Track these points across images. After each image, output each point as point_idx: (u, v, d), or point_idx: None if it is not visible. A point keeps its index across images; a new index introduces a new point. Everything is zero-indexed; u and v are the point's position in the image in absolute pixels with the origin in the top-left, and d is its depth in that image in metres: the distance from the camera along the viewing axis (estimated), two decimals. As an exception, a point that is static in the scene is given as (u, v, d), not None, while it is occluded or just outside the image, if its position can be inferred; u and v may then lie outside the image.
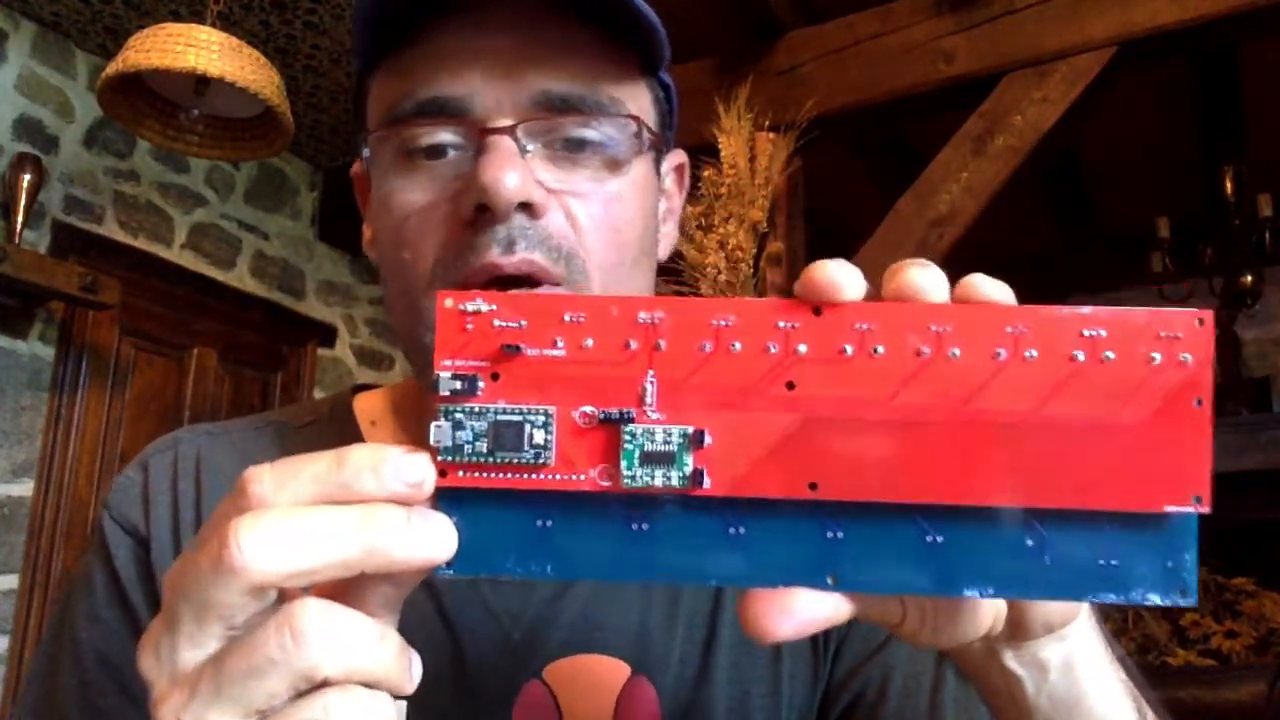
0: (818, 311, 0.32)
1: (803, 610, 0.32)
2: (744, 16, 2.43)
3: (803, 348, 0.32)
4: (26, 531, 2.68)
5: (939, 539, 0.32)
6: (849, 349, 0.32)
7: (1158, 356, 0.31)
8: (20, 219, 2.59)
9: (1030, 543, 0.32)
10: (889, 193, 2.41)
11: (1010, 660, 0.38)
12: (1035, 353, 0.31)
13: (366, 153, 0.57)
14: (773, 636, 0.31)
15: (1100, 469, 0.31)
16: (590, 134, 0.55)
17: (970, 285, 0.33)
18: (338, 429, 0.65)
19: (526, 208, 0.53)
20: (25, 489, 2.69)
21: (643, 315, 0.32)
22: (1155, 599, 0.32)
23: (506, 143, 0.53)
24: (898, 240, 2.21)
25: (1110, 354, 0.31)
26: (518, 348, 0.32)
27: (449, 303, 0.33)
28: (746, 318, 0.32)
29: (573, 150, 0.55)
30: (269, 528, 0.30)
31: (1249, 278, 3.68)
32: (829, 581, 0.32)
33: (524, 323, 0.32)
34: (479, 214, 0.53)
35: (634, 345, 0.32)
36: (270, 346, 3.53)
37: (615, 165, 0.56)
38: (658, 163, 0.62)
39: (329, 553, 0.30)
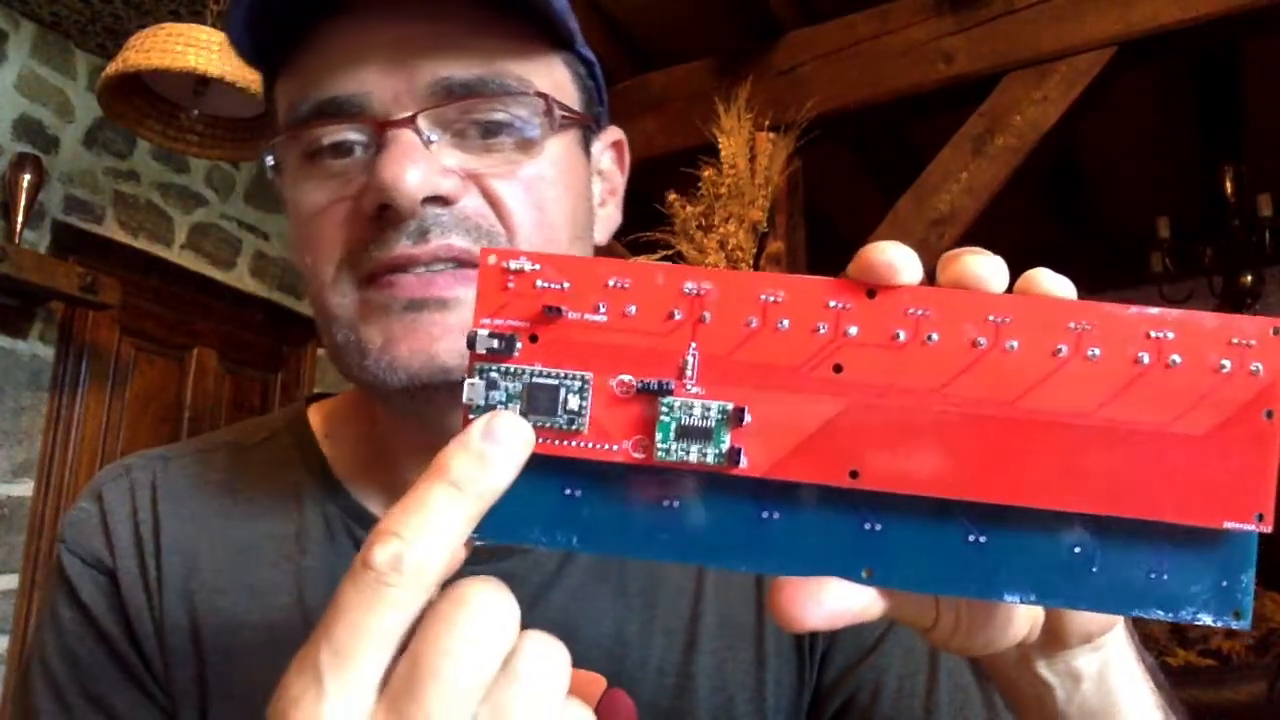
0: (871, 294, 0.30)
1: (834, 600, 0.30)
2: (744, 16, 2.43)
3: (853, 330, 0.30)
4: (26, 531, 2.68)
5: (982, 539, 0.30)
6: (902, 335, 0.30)
7: (1227, 364, 0.29)
8: (20, 219, 2.59)
9: (1078, 550, 0.30)
10: (889, 193, 2.41)
11: (1043, 668, 0.37)
12: (1098, 352, 0.29)
13: (271, 161, 0.55)
14: (801, 624, 0.30)
15: (1159, 479, 0.29)
16: (498, 116, 0.52)
17: (1032, 279, 0.31)
18: (295, 442, 0.63)
19: (436, 199, 0.51)
20: (25, 489, 2.69)
21: (689, 286, 0.31)
22: (1207, 619, 0.30)
23: (407, 135, 0.50)
24: (898, 240, 2.20)
25: (1177, 358, 0.29)
26: (559, 310, 0.31)
27: (492, 259, 0.31)
28: (797, 295, 0.30)
29: (482, 135, 0.53)
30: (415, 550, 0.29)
31: (1249, 278, 3.69)
32: (864, 575, 0.31)
33: (567, 284, 0.31)
34: (383, 212, 0.50)
35: (678, 316, 0.31)
36: (270, 346, 3.53)
37: (528, 146, 0.53)
38: (586, 142, 0.59)
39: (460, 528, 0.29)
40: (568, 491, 0.32)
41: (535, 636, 0.29)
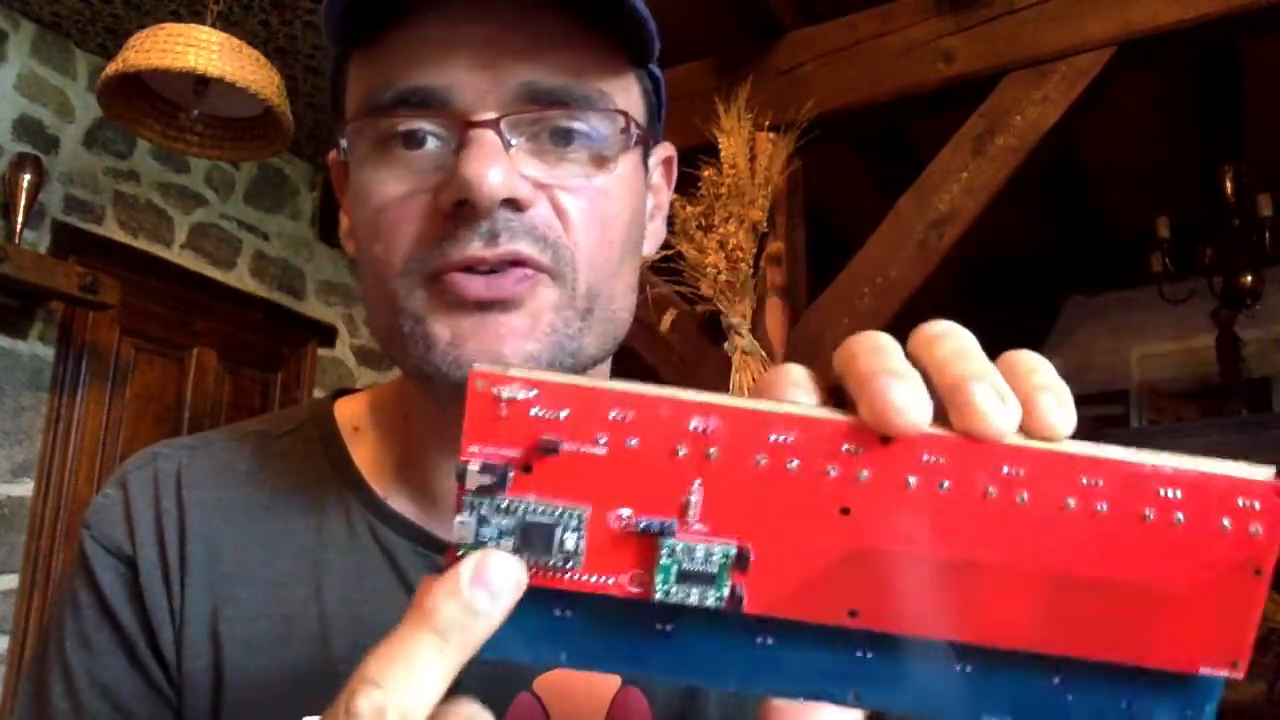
0: (886, 440, 0.30)
1: None
2: (744, 16, 2.43)
3: (864, 475, 0.29)
4: (26, 531, 2.68)
5: (968, 669, 0.31)
6: (913, 481, 0.29)
7: (1229, 524, 0.29)
8: (20, 219, 2.59)
9: (1057, 681, 0.31)
10: (889, 193, 2.41)
11: None
12: (1105, 506, 0.29)
13: (344, 144, 0.56)
14: None
15: (1146, 628, 0.30)
16: (577, 126, 0.54)
17: (1039, 416, 0.30)
18: (319, 435, 0.64)
19: (510, 203, 0.52)
20: (25, 489, 2.69)
21: (695, 422, 0.29)
22: None
23: (490, 136, 0.51)
24: (898, 240, 2.21)
25: (1180, 516, 0.29)
26: (557, 444, 0.29)
27: (480, 384, 0.29)
28: (808, 436, 0.29)
29: (558, 143, 0.54)
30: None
31: (1249, 278, 3.69)
32: (851, 697, 0.31)
33: (564, 414, 0.29)
34: (459, 208, 0.51)
35: (682, 452, 0.29)
36: (270, 346, 3.53)
37: (602, 161, 0.55)
38: (645, 157, 0.61)
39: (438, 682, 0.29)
40: (558, 612, 0.31)
41: None
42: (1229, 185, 3.52)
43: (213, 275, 3.28)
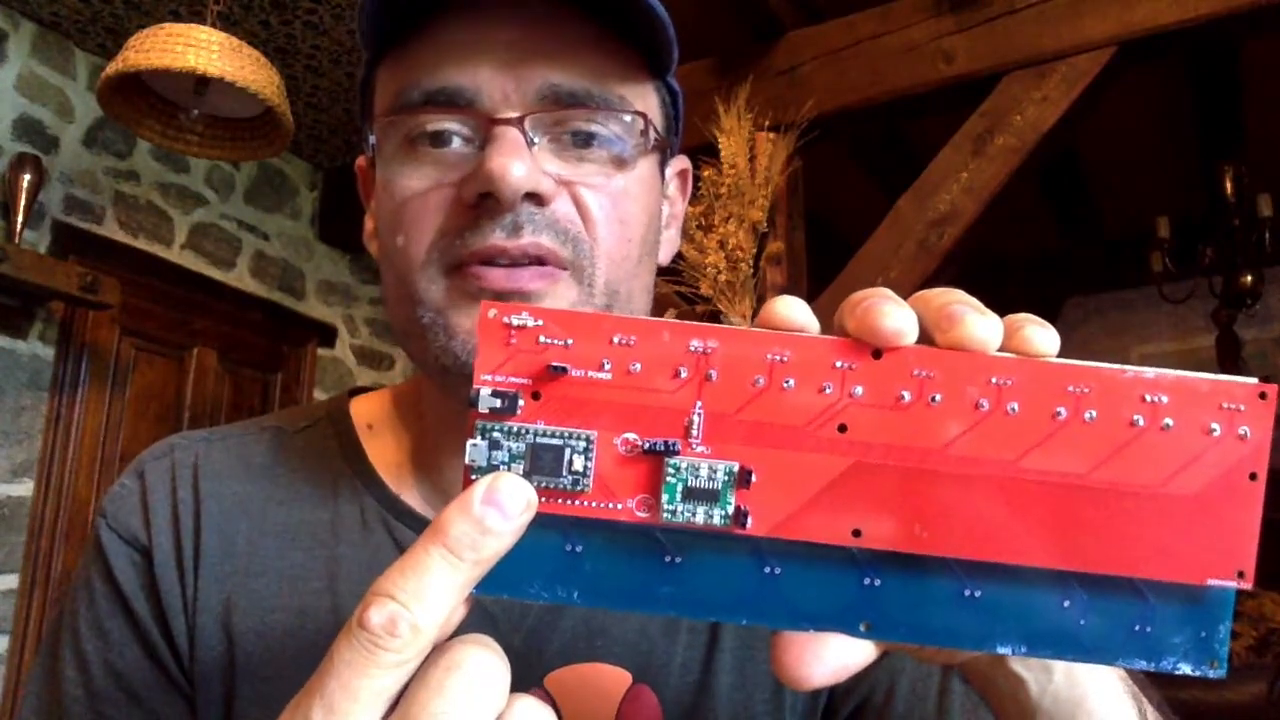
0: (877, 354, 0.31)
1: (835, 657, 0.31)
2: (744, 16, 2.43)
3: (859, 390, 0.31)
4: (26, 531, 2.68)
5: (977, 593, 0.31)
6: (906, 395, 0.30)
7: (1217, 428, 0.30)
8: (20, 219, 2.59)
9: (1067, 604, 0.31)
10: (889, 193, 2.41)
11: (1016, 664, 0.38)
12: (1095, 414, 0.30)
13: (373, 139, 0.57)
14: (807, 684, 0.31)
15: (1149, 537, 0.30)
16: (597, 129, 0.55)
17: (1024, 337, 0.32)
18: (335, 432, 0.64)
19: (533, 197, 0.53)
20: (25, 489, 2.69)
21: (695, 343, 0.31)
22: (1186, 668, 0.31)
23: (513, 134, 0.53)
24: (898, 240, 2.21)
25: (1170, 421, 0.30)
26: (564, 368, 0.31)
27: (492, 313, 0.31)
28: (803, 355, 0.31)
29: (579, 144, 0.55)
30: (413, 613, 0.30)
31: (1249, 278, 3.69)
32: (862, 628, 0.31)
33: (570, 341, 0.31)
34: (483, 201, 0.52)
35: (684, 374, 0.31)
36: (270, 346, 3.53)
37: (621, 162, 0.56)
38: (663, 165, 0.62)
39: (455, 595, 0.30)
40: (569, 547, 0.31)
41: (524, 701, 0.30)
42: (1229, 185, 3.52)
43: (213, 275, 3.28)
